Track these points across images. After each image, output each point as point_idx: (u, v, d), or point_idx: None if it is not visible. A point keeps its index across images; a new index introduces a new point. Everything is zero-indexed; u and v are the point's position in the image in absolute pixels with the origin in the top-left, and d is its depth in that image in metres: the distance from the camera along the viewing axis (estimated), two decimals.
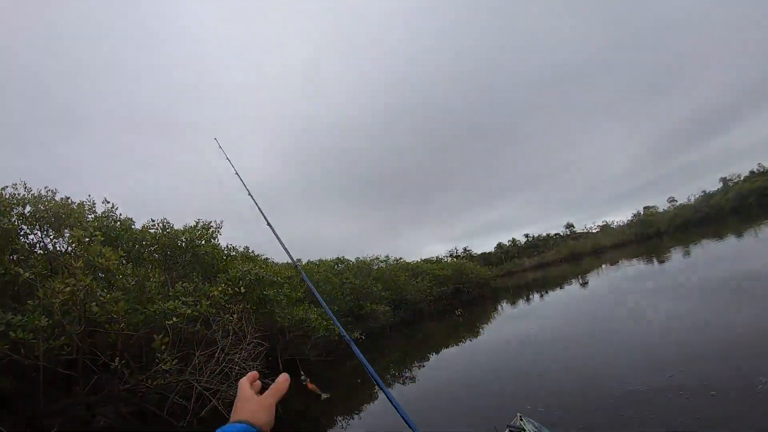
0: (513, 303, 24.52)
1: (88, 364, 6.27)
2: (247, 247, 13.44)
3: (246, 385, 0.86)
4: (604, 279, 24.09)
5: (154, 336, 6.50)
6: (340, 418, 8.19)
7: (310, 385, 0.99)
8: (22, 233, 7.24)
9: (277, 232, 3.24)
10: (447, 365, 11.37)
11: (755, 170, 78.04)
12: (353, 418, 8.08)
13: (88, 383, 6.15)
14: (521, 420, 3.83)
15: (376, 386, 7.12)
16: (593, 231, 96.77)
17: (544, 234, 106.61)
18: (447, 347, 14.06)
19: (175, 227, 10.18)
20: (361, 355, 1.57)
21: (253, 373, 0.91)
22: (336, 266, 23.52)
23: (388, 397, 1.48)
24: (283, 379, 0.85)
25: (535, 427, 3.69)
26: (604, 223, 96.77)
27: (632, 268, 24.77)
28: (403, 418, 1.37)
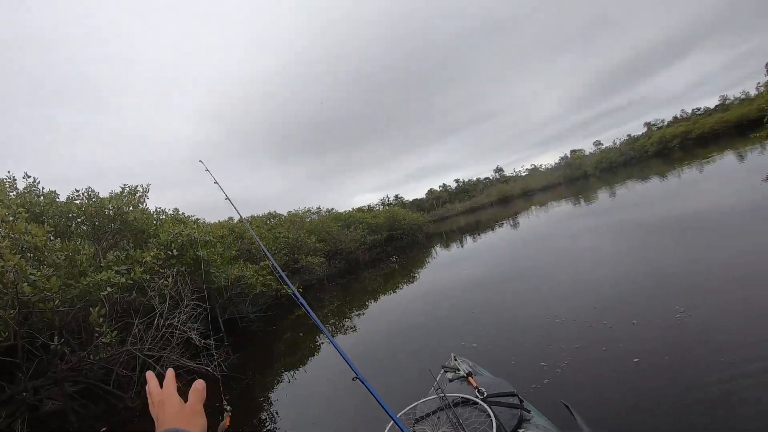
0: (446, 247, 25.21)
1: (28, 348, 6.21)
2: (176, 209, 13.07)
3: (170, 388, 0.83)
4: (534, 221, 24.51)
5: (91, 309, 6.54)
6: (291, 372, 8.24)
7: (228, 421, 1.02)
8: None
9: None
10: (385, 311, 11.68)
11: (678, 116, 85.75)
12: (299, 370, 8.29)
13: (30, 368, 6.12)
14: (455, 360, 3.90)
15: (323, 335, 7.50)
16: (522, 174, 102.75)
17: (474, 178, 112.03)
18: (384, 294, 14.45)
19: (101, 195, 9.74)
20: (306, 305, 1.72)
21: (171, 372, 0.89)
22: (268, 221, 23.44)
23: (333, 345, 1.66)
24: (200, 386, 0.84)
25: (469, 366, 3.80)
26: (533, 167, 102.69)
27: (561, 209, 25.75)
28: (347, 363, 1.55)
